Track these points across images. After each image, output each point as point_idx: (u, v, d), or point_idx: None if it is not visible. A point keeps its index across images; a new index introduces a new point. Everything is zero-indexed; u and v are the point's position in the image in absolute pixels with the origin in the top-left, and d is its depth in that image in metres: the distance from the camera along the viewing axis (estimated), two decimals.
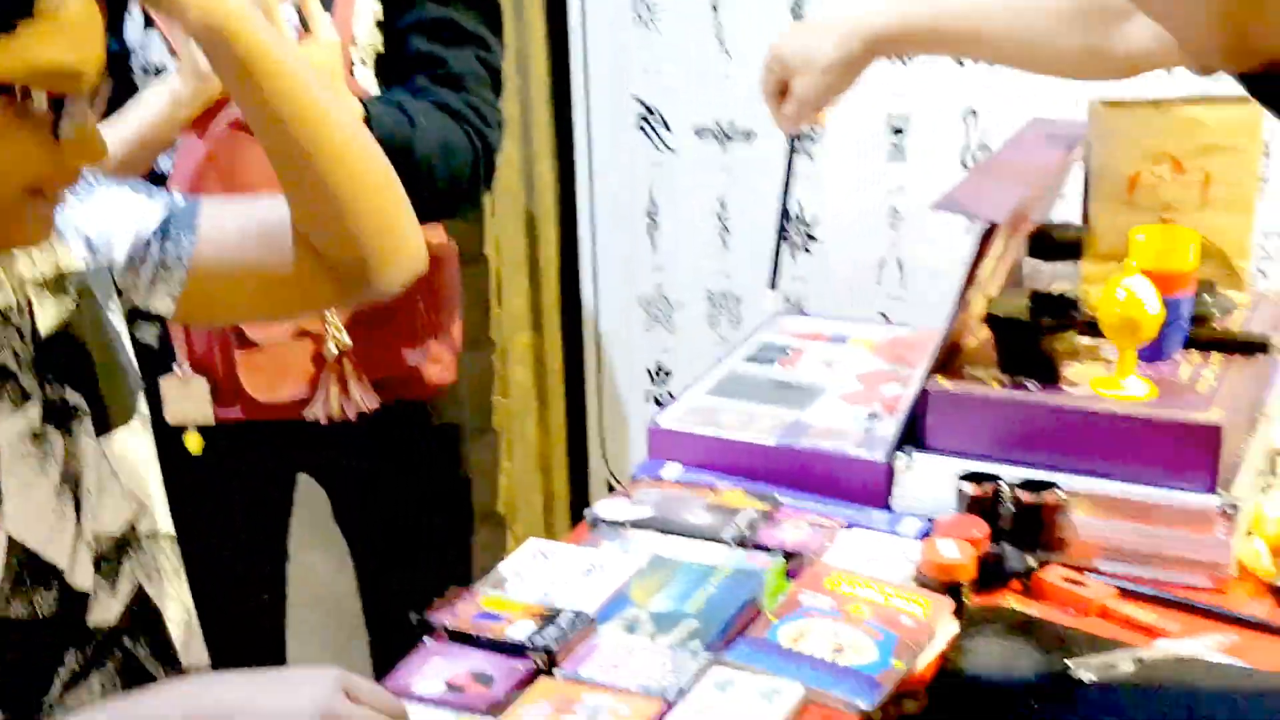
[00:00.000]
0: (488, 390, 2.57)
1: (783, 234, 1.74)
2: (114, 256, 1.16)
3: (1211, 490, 1.38)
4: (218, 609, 1.36)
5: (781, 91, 1.60)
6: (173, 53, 1.68)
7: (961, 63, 2.07)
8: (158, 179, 1.67)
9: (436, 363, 1.82)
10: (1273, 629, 1.32)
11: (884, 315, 2.24)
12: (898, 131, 2.20)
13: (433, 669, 1.21)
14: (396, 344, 1.78)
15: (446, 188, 1.71)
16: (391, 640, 1.94)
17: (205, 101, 1.62)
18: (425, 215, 1.81)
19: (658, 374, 2.51)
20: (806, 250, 2.31)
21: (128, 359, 1.17)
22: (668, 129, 2.38)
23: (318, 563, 2.29)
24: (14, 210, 0.98)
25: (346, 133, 1.18)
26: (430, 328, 1.80)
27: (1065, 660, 1.27)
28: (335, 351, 1.71)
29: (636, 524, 1.47)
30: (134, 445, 1.16)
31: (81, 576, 1.09)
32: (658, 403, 2.48)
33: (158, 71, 1.69)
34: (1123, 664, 1.27)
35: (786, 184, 1.74)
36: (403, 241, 1.24)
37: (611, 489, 2.53)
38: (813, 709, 1.20)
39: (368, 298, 1.29)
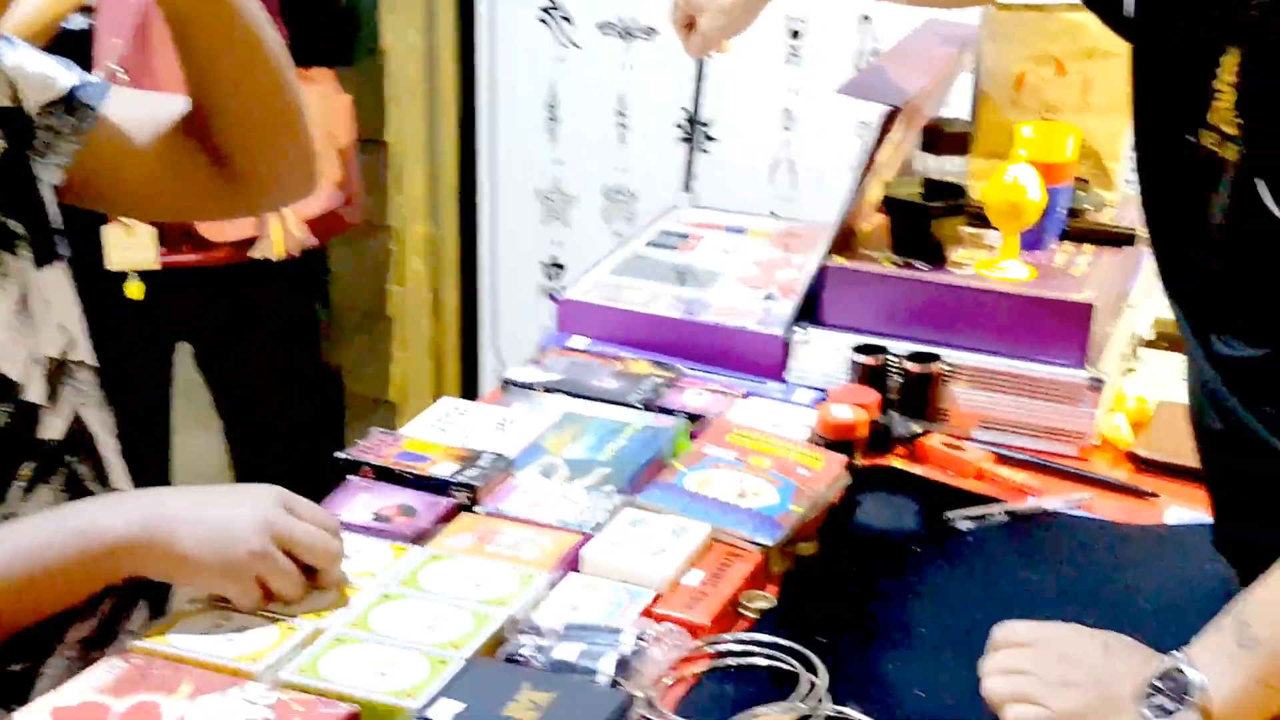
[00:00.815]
0: (383, 277, 2.61)
1: (692, 140, 1.87)
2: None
3: (1081, 366, 1.49)
4: None
5: (688, 24, 1.71)
6: None
7: None
8: (72, 39, 1.69)
9: (349, 204, 2.01)
10: (1128, 489, 1.44)
11: (774, 215, 2.33)
12: (795, 35, 2.28)
13: (360, 502, 1.28)
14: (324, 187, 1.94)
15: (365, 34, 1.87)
16: None
17: None
18: (333, 61, 1.95)
19: (552, 268, 2.58)
20: (703, 150, 2.39)
21: (51, 203, 1.20)
22: (570, 23, 2.43)
23: (194, 440, 2.33)
24: None
25: (258, 33, 1.18)
26: (341, 171, 1.97)
27: (944, 512, 1.38)
28: None
29: (548, 387, 1.55)
30: (61, 284, 1.19)
31: (34, 392, 1.13)
32: (552, 297, 2.54)
33: None
34: (995, 516, 1.38)
35: (696, 97, 1.88)
36: (300, 156, 1.25)
37: None
38: (718, 546, 1.29)
39: (255, 211, 1.31)
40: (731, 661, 1.15)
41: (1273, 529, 1.07)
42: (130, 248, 1.74)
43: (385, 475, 1.32)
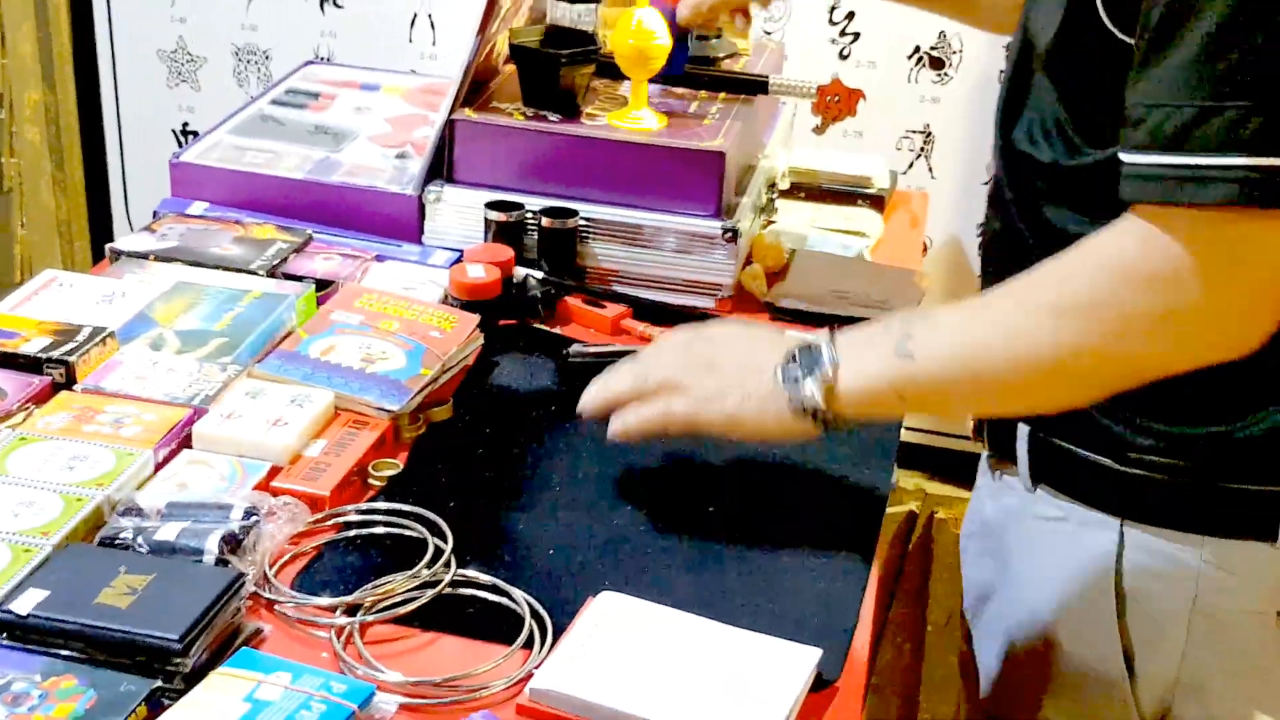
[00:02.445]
0: None
1: None
2: None
3: (716, 216, 1.49)
4: None
5: None
6: None
7: None
8: None
9: None
10: None
11: (415, 73, 2.24)
12: None
13: None
14: None
15: None
16: None
17: None
18: None
19: (184, 135, 2.42)
20: (337, 5, 2.27)
21: None
22: None
23: None
24: None
25: None
26: None
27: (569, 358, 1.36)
28: None
29: (160, 256, 1.44)
30: None
31: None
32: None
33: None
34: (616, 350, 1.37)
35: None
36: None
37: None
38: (344, 414, 1.23)
39: None
40: (355, 533, 1.10)
41: None
42: None
43: None
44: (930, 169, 2.02)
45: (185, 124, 2.42)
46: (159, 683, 0.88)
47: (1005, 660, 1.24)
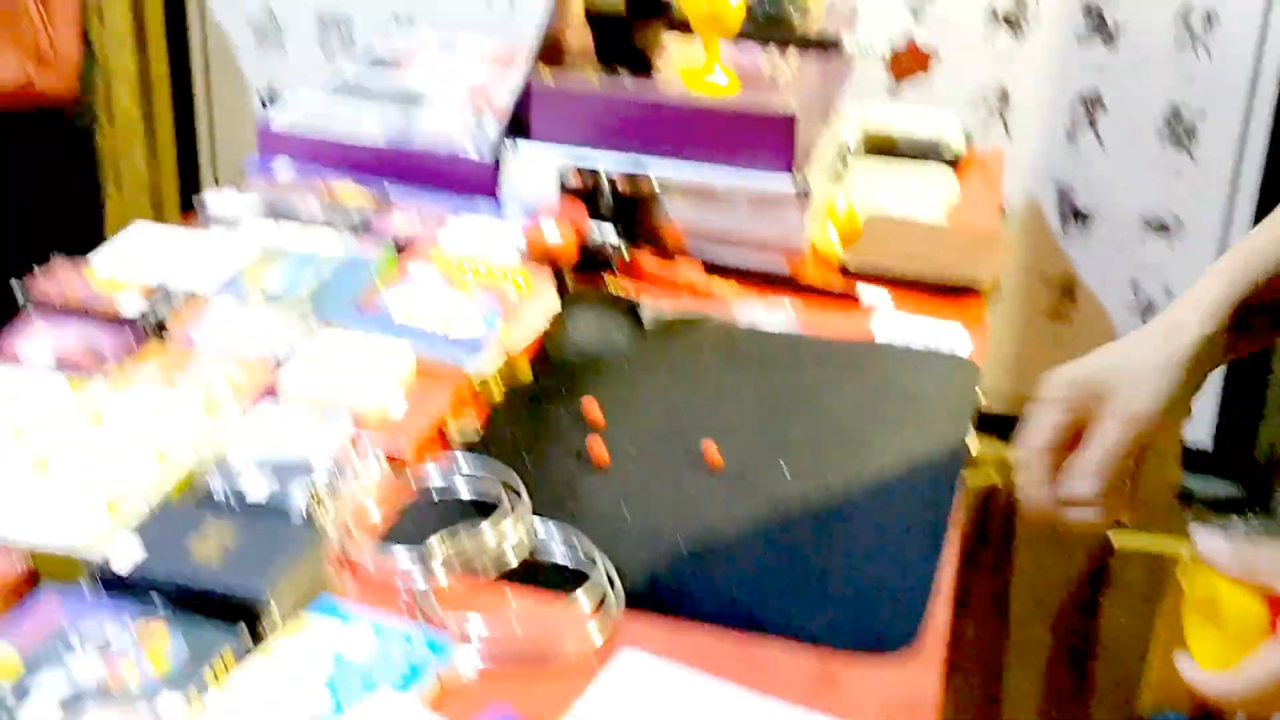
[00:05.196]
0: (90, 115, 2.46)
1: None
2: None
3: (789, 175, 1.50)
4: None
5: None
6: None
7: None
8: None
9: (50, 68, 1.85)
10: (834, 294, 1.47)
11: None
12: None
13: (42, 340, 1.20)
14: (10, 51, 1.79)
15: None
16: None
17: None
18: None
19: (270, 99, 2.47)
20: None
21: None
22: None
23: None
24: None
25: None
26: (45, 37, 1.84)
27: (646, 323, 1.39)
28: None
29: (248, 215, 1.48)
30: None
31: None
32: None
33: None
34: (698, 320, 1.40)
35: None
36: None
37: None
38: (423, 373, 1.26)
39: None
40: (434, 488, 1.13)
41: None
42: None
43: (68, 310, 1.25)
44: (1006, 126, 2.02)
45: (271, 88, 2.47)
46: (243, 630, 0.91)
47: None
